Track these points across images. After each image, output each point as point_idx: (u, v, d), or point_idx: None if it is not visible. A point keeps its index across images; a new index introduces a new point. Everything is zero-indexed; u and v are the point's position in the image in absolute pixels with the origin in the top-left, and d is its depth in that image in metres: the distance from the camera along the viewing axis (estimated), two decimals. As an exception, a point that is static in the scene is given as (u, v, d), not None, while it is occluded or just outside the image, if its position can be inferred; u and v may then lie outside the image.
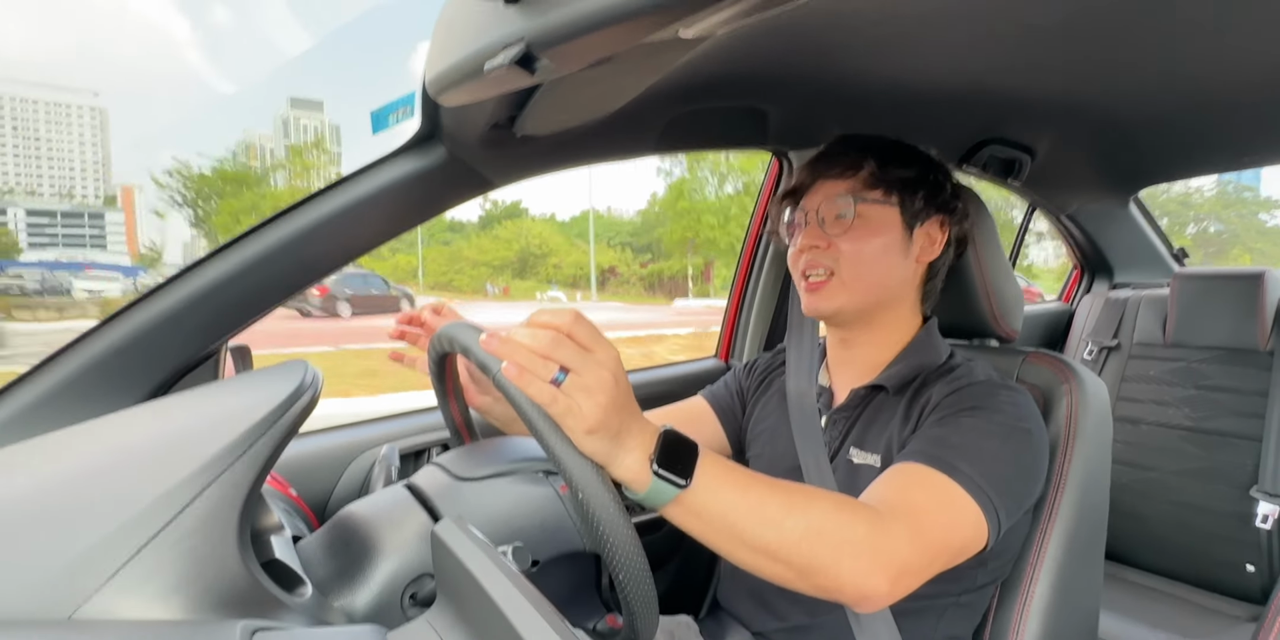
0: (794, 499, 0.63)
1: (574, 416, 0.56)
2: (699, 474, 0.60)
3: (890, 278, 0.89)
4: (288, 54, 59.71)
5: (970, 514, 0.70)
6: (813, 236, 0.89)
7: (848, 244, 0.87)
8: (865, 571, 0.62)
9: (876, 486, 0.73)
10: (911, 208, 0.88)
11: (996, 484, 0.72)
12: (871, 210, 0.87)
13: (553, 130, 0.95)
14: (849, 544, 0.62)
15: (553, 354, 0.56)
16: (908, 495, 0.70)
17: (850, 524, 0.63)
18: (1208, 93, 1.20)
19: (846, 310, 0.89)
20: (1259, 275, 1.72)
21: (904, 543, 0.65)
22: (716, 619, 1.01)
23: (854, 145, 0.92)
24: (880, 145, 0.92)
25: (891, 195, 0.88)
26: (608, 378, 0.56)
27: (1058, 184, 1.82)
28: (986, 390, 0.82)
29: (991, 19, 0.90)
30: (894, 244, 0.88)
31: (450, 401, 0.88)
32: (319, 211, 0.91)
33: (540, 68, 0.57)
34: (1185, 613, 1.61)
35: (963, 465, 0.72)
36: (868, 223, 0.87)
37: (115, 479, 0.56)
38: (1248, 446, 1.64)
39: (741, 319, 1.66)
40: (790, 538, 0.61)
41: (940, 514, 0.69)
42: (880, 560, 0.63)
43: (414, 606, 0.66)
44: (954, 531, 0.69)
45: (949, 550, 0.69)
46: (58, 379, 0.82)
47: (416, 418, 1.23)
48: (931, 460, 0.73)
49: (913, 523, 0.66)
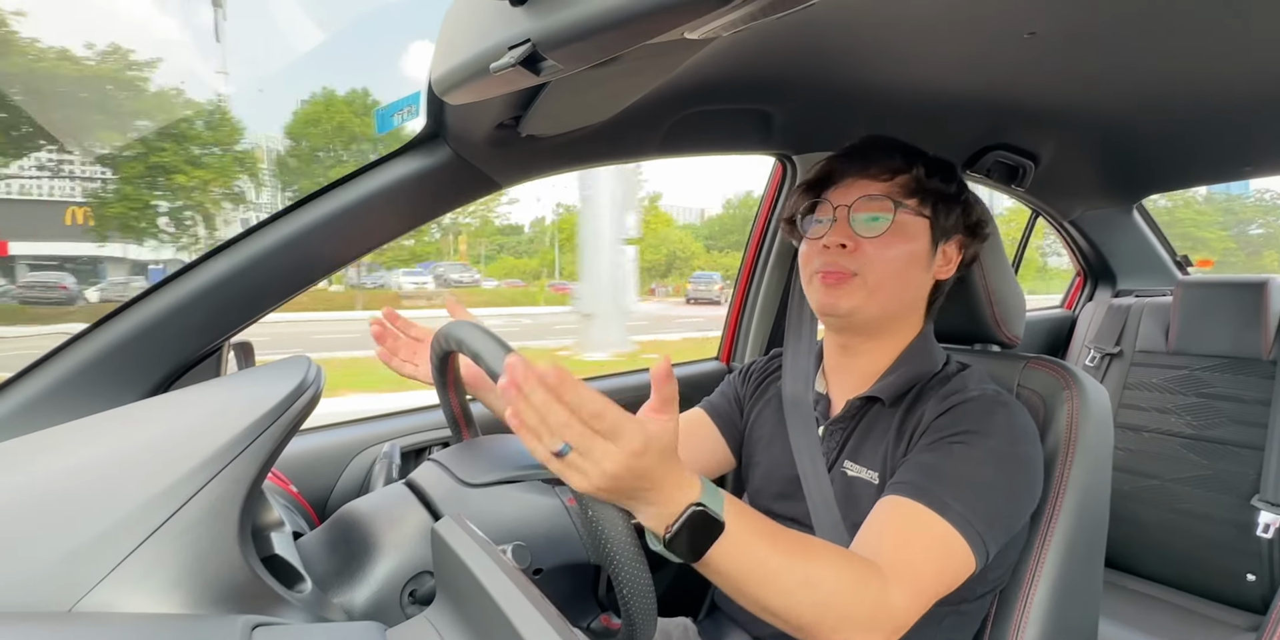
0: (810, 571, 0.64)
1: (578, 476, 0.56)
2: (717, 548, 0.61)
3: (908, 291, 0.88)
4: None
5: (961, 553, 0.72)
6: (842, 234, 0.85)
7: (877, 249, 0.84)
8: (868, 635, 0.65)
9: (875, 530, 0.74)
10: (943, 223, 0.86)
11: (986, 517, 0.73)
12: (908, 219, 0.85)
13: (558, 131, 0.95)
14: (853, 617, 0.64)
15: (559, 432, 0.54)
16: (907, 550, 0.71)
17: (858, 598, 0.65)
18: (1211, 102, 1.20)
19: (860, 314, 0.86)
20: (1262, 284, 1.72)
21: (903, 606, 0.67)
22: (715, 621, 1.01)
23: (895, 148, 0.89)
24: (923, 154, 0.90)
25: (926, 207, 0.86)
26: (609, 469, 0.55)
27: (1061, 190, 1.82)
28: (980, 410, 0.81)
29: (997, 26, 0.90)
30: (920, 256, 0.86)
31: (451, 396, 0.88)
32: (322, 210, 0.91)
33: (546, 68, 0.57)
34: (1185, 621, 1.60)
35: (953, 502, 0.73)
36: (903, 230, 0.84)
37: (117, 474, 0.56)
38: (1249, 455, 1.63)
39: (743, 322, 1.66)
40: (796, 609, 0.63)
41: (936, 562, 0.71)
42: (877, 628, 0.65)
43: (413, 604, 0.66)
44: (947, 576, 0.71)
45: (944, 588, 0.71)
46: (61, 374, 0.82)
47: (418, 416, 1.23)
48: (923, 496, 0.73)
49: (912, 582, 0.68)
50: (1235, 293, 1.74)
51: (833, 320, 0.91)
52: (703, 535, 0.60)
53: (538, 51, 0.54)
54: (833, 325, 0.94)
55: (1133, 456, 1.81)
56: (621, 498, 0.58)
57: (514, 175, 1.02)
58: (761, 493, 0.98)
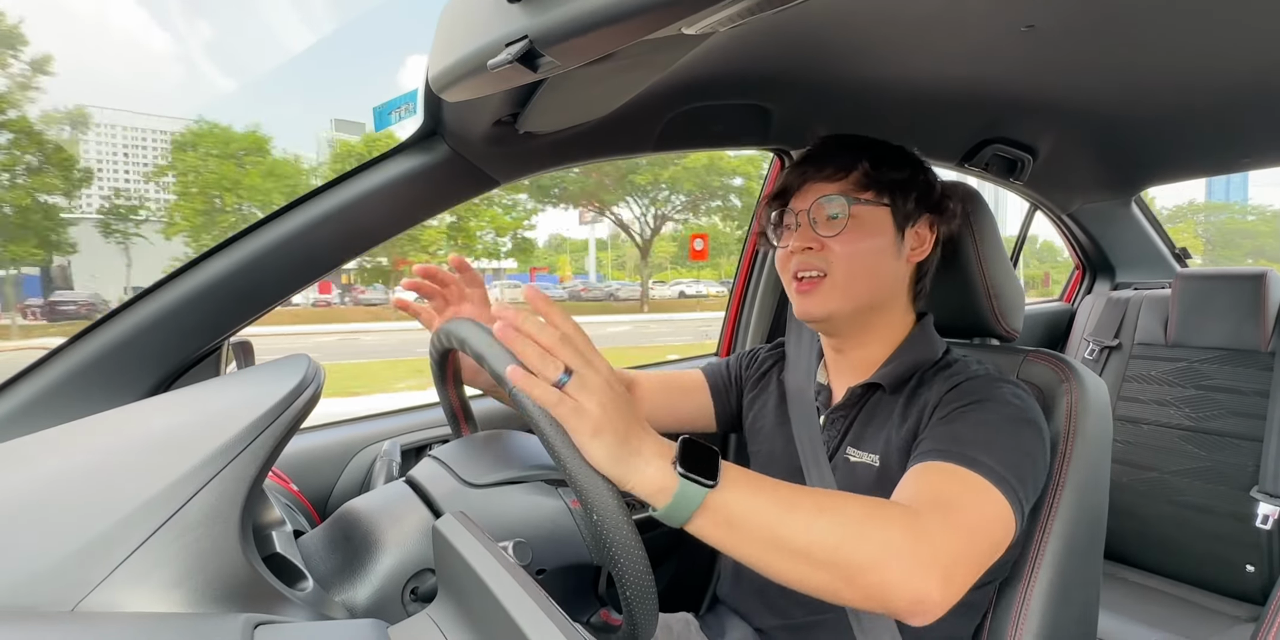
0: (823, 501, 0.62)
1: (578, 417, 0.56)
2: (725, 476, 0.59)
3: (882, 279, 0.89)
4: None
5: (999, 504, 0.69)
6: (805, 238, 0.87)
7: (840, 245, 0.86)
8: (913, 572, 0.59)
9: (903, 488, 0.72)
10: (904, 209, 0.88)
11: (1016, 471, 0.71)
12: (864, 211, 0.87)
13: (555, 127, 0.95)
14: (891, 543, 0.59)
15: (558, 351, 0.57)
16: (937, 491, 0.69)
17: (887, 522, 0.61)
18: (1209, 94, 1.20)
19: (839, 314, 0.88)
20: (1261, 276, 1.72)
21: (945, 538, 0.62)
22: (717, 616, 1.01)
23: (844, 146, 0.91)
24: (872, 146, 0.91)
25: (884, 196, 0.87)
26: (604, 382, 0.58)
27: (1059, 184, 1.82)
28: (986, 383, 0.82)
29: (994, 20, 0.90)
30: (886, 245, 0.87)
31: (450, 392, 0.88)
32: (321, 208, 0.91)
33: (543, 64, 0.57)
34: (1185, 613, 1.61)
35: (982, 457, 0.71)
36: (861, 224, 0.86)
37: (118, 473, 0.56)
38: (1248, 447, 1.64)
39: (743, 317, 1.66)
40: (830, 539, 0.58)
41: (974, 507, 0.68)
42: (925, 558, 0.59)
43: (415, 601, 0.66)
44: (990, 523, 0.68)
45: (990, 543, 0.67)
46: (61, 374, 0.82)
47: (418, 414, 1.23)
48: (950, 456, 0.72)
49: (949, 517, 0.64)
50: (1233, 285, 1.75)
51: (815, 326, 0.93)
52: (706, 456, 0.60)
53: (535, 48, 0.54)
54: (818, 329, 0.96)
55: (1132, 449, 1.81)
56: (619, 442, 0.57)
57: (512, 172, 1.01)
58: None
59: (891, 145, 0.93)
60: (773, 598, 0.92)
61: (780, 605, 0.91)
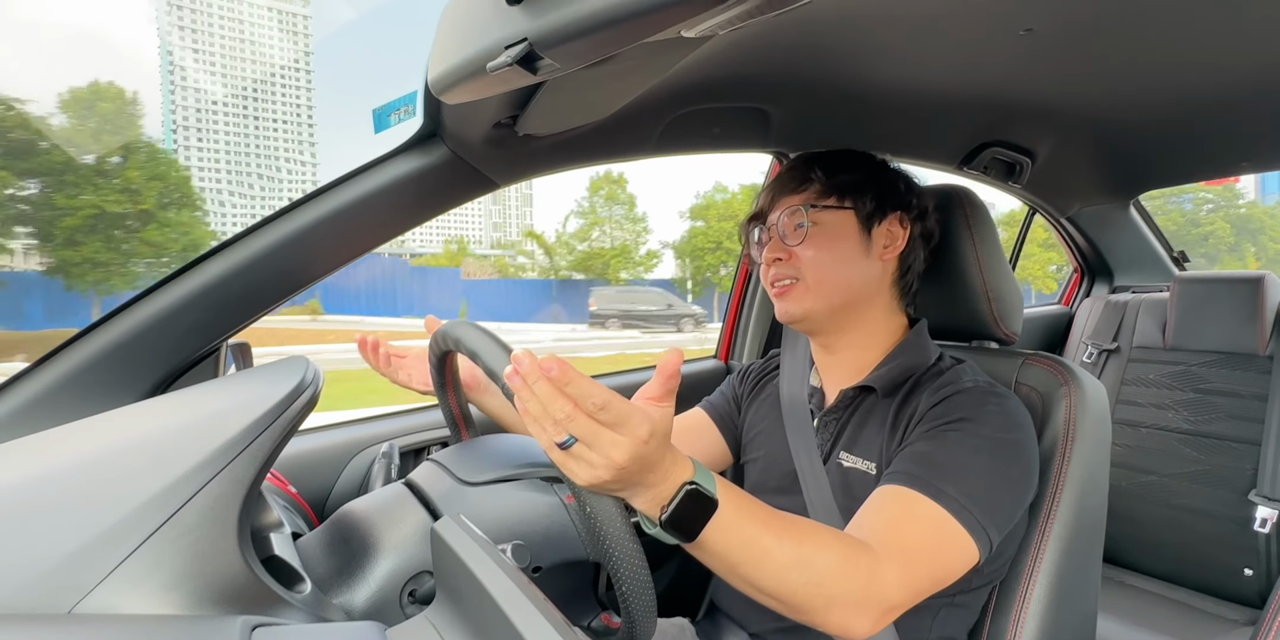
0: (802, 552, 0.64)
1: (573, 474, 0.57)
2: (710, 528, 0.61)
3: (854, 278, 0.91)
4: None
5: (958, 541, 0.72)
6: (775, 249, 0.92)
7: (807, 251, 0.90)
8: (853, 617, 0.65)
9: (869, 515, 0.74)
10: (865, 209, 0.91)
11: (984, 503, 0.73)
12: (825, 216, 0.90)
13: (555, 130, 0.95)
14: (844, 596, 0.65)
15: (563, 425, 0.54)
16: (897, 530, 0.72)
17: (850, 578, 0.65)
18: (1208, 98, 1.20)
19: (815, 313, 0.90)
20: (1259, 279, 1.73)
21: (895, 587, 0.67)
22: (713, 621, 1.01)
23: (800, 161, 0.96)
24: (827, 157, 0.96)
25: (845, 200, 0.91)
26: (617, 459, 0.55)
27: (1058, 187, 1.83)
28: (973, 399, 0.82)
29: (993, 23, 0.90)
30: (853, 246, 0.90)
31: (449, 396, 0.88)
32: (319, 210, 0.91)
33: (543, 67, 0.57)
34: (1183, 616, 1.61)
35: (948, 488, 0.73)
36: (824, 229, 0.90)
37: (116, 475, 0.56)
38: (1247, 451, 1.64)
39: (741, 321, 1.66)
40: (788, 587, 0.64)
41: (929, 547, 0.71)
42: (869, 607, 0.66)
43: (413, 604, 0.66)
44: (942, 563, 0.72)
45: (936, 580, 0.71)
46: (59, 376, 0.82)
47: (416, 416, 1.23)
48: (918, 483, 0.74)
49: (905, 564, 0.69)
50: (1232, 288, 1.75)
51: (797, 326, 0.95)
52: (697, 513, 0.60)
53: (534, 50, 0.54)
54: (801, 329, 0.98)
55: (1130, 452, 1.81)
56: (622, 488, 0.58)
57: (511, 174, 1.01)
58: (759, 487, 0.99)
59: (850, 152, 0.98)
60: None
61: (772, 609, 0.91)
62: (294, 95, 65.68)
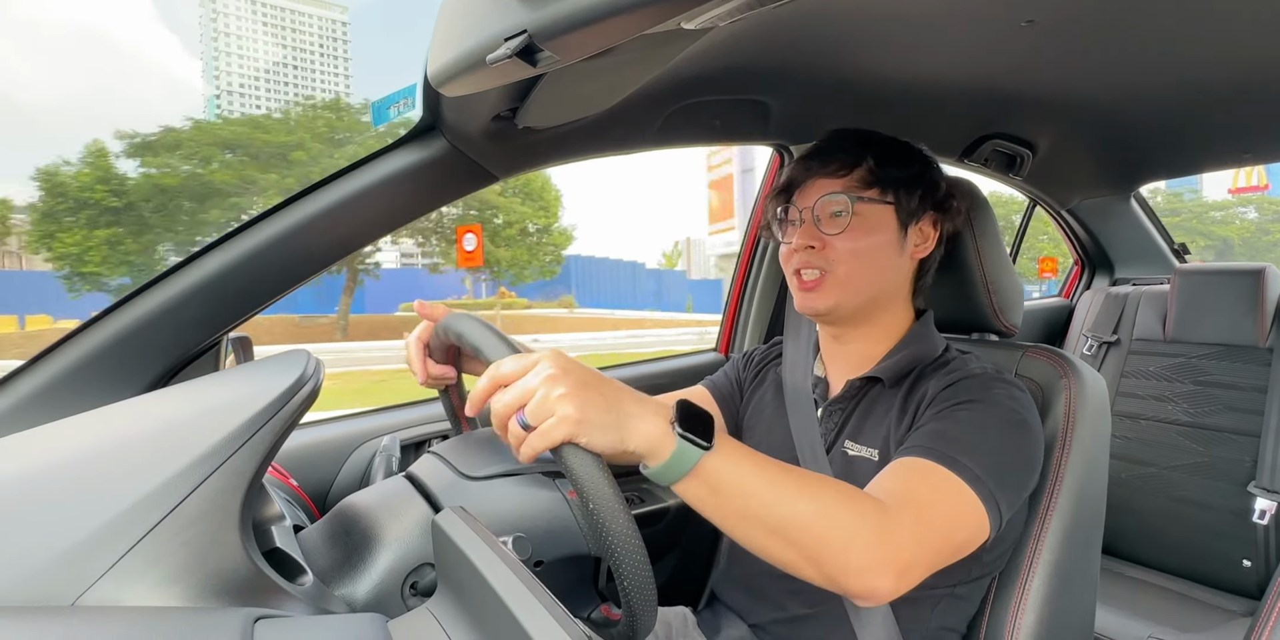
0: (807, 481, 0.64)
1: (557, 430, 0.57)
2: (719, 443, 0.61)
3: (885, 276, 0.89)
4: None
5: (972, 507, 0.70)
6: (808, 235, 0.87)
7: (843, 243, 0.86)
8: (873, 563, 0.62)
9: (880, 480, 0.73)
10: (908, 206, 0.88)
11: (996, 475, 0.72)
12: (868, 209, 0.86)
13: (554, 122, 0.95)
14: (860, 532, 0.62)
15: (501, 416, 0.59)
16: (912, 489, 0.70)
17: (861, 512, 0.63)
18: (1210, 90, 1.20)
19: (840, 309, 0.89)
20: (1259, 271, 1.73)
21: (910, 536, 0.65)
22: (714, 610, 1.01)
23: (850, 141, 0.91)
24: (878, 142, 0.91)
25: (888, 194, 0.87)
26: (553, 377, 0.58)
27: (1059, 179, 1.82)
28: (982, 383, 0.82)
29: (994, 15, 0.89)
30: (889, 243, 0.87)
31: (450, 389, 0.88)
32: (319, 203, 0.91)
33: (542, 59, 0.57)
34: (1182, 607, 1.62)
35: (963, 458, 0.72)
36: (864, 222, 0.86)
37: (117, 468, 0.56)
38: (1246, 442, 1.64)
39: (741, 313, 1.66)
40: (804, 518, 0.61)
41: (944, 507, 0.70)
42: (888, 553, 0.63)
43: (415, 596, 0.66)
44: (957, 525, 0.70)
45: (952, 544, 0.70)
46: (60, 369, 0.82)
47: (417, 409, 1.23)
48: (932, 454, 0.73)
49: (918, 516, 0.67)
50: (1232, 280, 1.75)
51: (817, 319, 0.94)
52: (703, 420, 0.61)
53: (534, 43, 0.54)
54: (820, 321, 0.96)
55: (1130, 444, 1.81)
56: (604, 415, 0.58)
57: (510, 167, 1.01)
58: None
59: (898, 141, 0.92)
60: (767, 591, 0.92)
61: (776, 599, 0.91)
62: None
